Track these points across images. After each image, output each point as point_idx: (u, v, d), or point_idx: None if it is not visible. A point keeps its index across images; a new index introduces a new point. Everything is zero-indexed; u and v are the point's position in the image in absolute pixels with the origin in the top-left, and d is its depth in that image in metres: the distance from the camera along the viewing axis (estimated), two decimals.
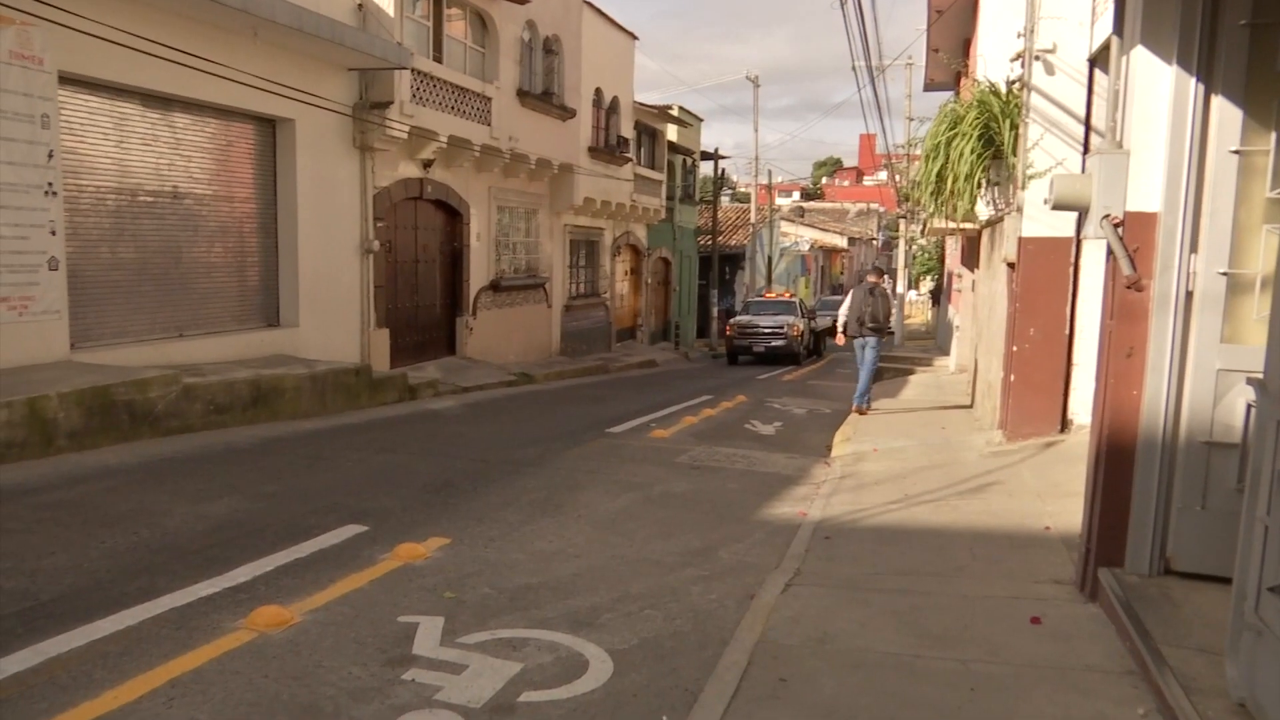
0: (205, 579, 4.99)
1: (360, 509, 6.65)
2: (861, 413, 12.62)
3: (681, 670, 4.15)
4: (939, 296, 32.64)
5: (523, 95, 18.44)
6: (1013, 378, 9.41)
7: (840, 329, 13.50)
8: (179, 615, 4.50)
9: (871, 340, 12.82)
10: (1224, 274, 4.41)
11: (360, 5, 13.64)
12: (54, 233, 9.25)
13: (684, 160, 33.47)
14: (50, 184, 9.17)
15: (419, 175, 15.82)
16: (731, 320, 26.66)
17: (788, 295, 29.86)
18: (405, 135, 14.45)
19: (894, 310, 16.90)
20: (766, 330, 25.40)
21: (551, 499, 7.34)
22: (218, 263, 12.00)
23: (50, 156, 9.15)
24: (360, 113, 13.82)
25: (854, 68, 28.76)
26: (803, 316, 27.02)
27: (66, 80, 9.43)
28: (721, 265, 38.06)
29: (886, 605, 4.91)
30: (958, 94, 16.19)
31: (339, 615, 4.62)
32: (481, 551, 5.82)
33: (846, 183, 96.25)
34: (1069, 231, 8.94)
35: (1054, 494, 7.22)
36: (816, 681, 3.94)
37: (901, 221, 35.11)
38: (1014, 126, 9.64)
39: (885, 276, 14.77)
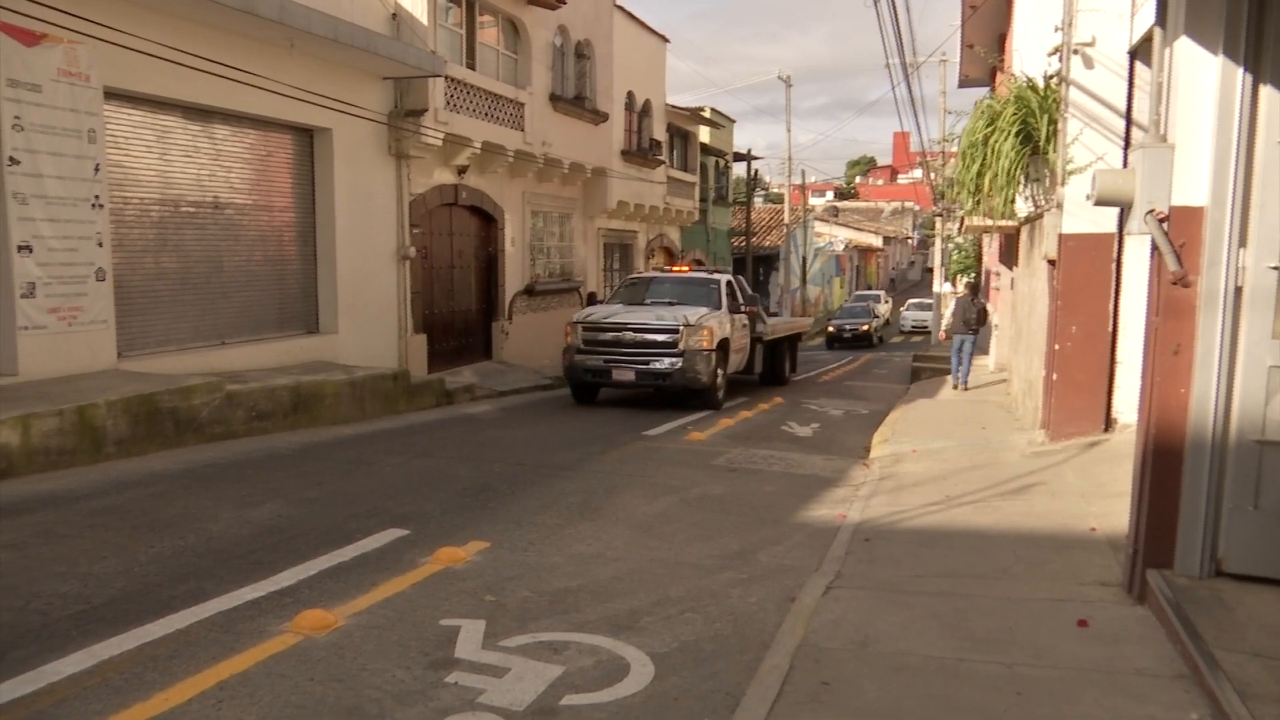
0: (250, 583, 5.06)
1: (400, 513, 6.70)
2: (964, 389, 15.51)
3: (722, 674, 4.14)
4: (976, 294, 32.30)
5: (555, 100, 18.52)
6: (1055, 376, 9.28)
7: (944, 330, 17.22)
8: (226, 619, 4.57)
9: (970, 337, 15.86)
10: (1275, 268, 4.32)
11: (394, 15, 13.78)
12: (101, 244, 9.44)
13: (717, 162, 33.43)
14: (97, 197, 9.36)
15: (454, 181, 15.94)
16: (575, 318, 14.07)
17: (712, 269, 17.96)
18: (440, 142, 14.57)
19: (989, 314, 18.57)
20: (641, 341, 13.25)
21: (589, 502, 7.36)
22: (258, 271, 12.17)
23: (97, 170, 9.35)
24: (395, 121, 13.96)
25: (888, 65, 28.61)
26: (738, 311, 14.85)
27: (111, 95, 9.63)
28: (755, 266, 37.99)
29: (929, 608, 4.86)
30: (993, 90, 16.02)
31: (381, 618, 4.66)
32: (521, 555, 5.84)
33: (880, 181, 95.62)
34: (1111, 227, 8.81)
35: (1099, 494, 7.11)
36: (859, 685, 3.90)
37: (937, 219, 34.76)
38: (1052, 122, 9.52)
39: (980, 293, 18.37)
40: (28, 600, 4.70)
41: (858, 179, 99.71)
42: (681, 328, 12.99)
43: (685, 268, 17.81)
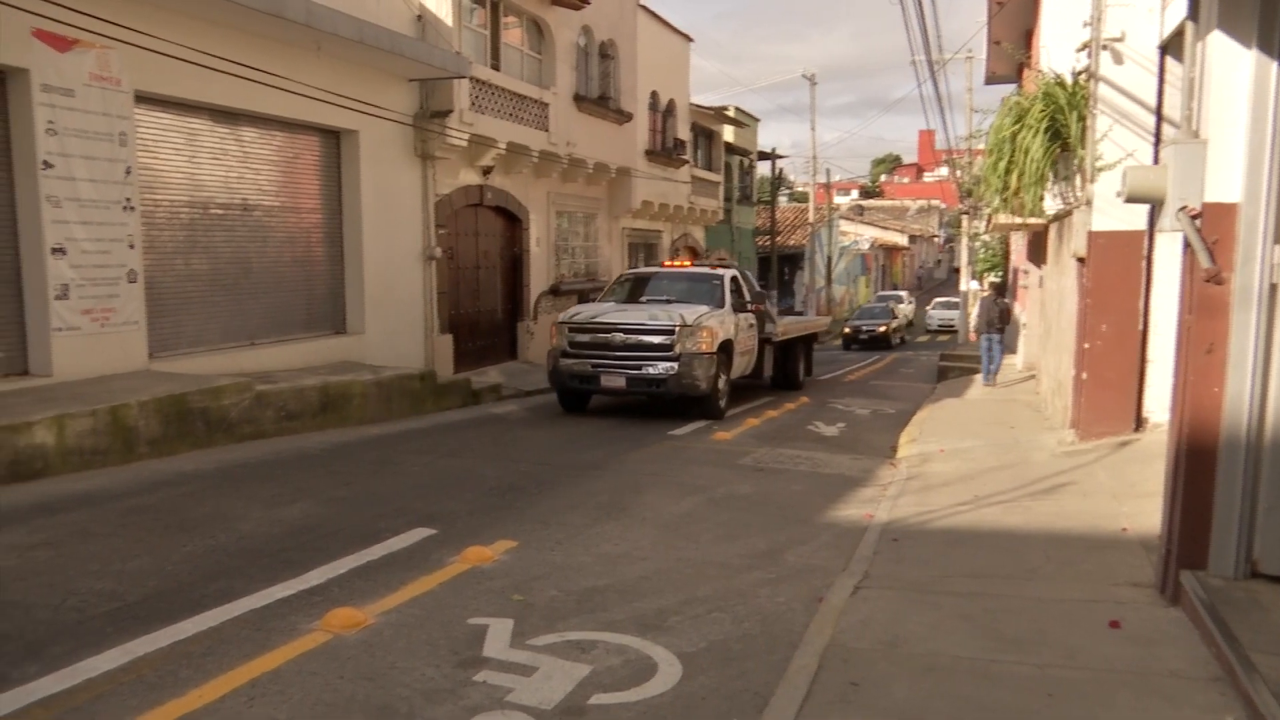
0: (281, 581, 5.11)
1: (428, 512, 6.74)
2: (993, 385, 15.75)
3: (750, 673, 4.13)
4: (1003, 293, 31.96)
5: (579, 100, 18.56)
6: (1084, 375, 9.19)
7: (974, 329, 18.12)
8: (257, 617, 4.62)
9: (997, 336, 15.95)
10: None
11: (420, 16, 13.86)
12: (132, 246, 9.57)
13: (741, 161, 33.37)
14: (128, 199, 9.49)
15: (479, 182, 16.01)
16: (561, 318, 12.88)
17: (716, 263, 16.24)
18: (465, 143, 14.64)
19: (1012, 313, 18.79)
20: (632, 343, 12.03)
21: (616, 502, 7.37)
22: (286, 272, 12.28)
23: (128, 173, 9.47)
24: (421, 122, 14.04)
25: (913, 62, 28.43)
26: (743, 310, 13.61)
27: (142, 98, 9.76)
28: (780, 265, 37.91)
29: (958, 608, 4.83)
30: (1020, 86, 15.88)
31: (410, 617, 4.69)
32: (548, 554, 5.86)
33: (906, 180, 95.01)
34: (1141, 224, 8.71)
35: (1130, 494, 7.03)
36: (888, 686, 3.88)
37: (964, 218, 34.49)
38: (1081, 118, 9.43)
39: (1004, 292, 18.75)
40: (64, 597, 4.77)
41: (883, 177, 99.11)
42: (677, 328, 11.80)
43: (686, 262, 16.43)
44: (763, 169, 38.62)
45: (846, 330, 35.37)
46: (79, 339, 9.03)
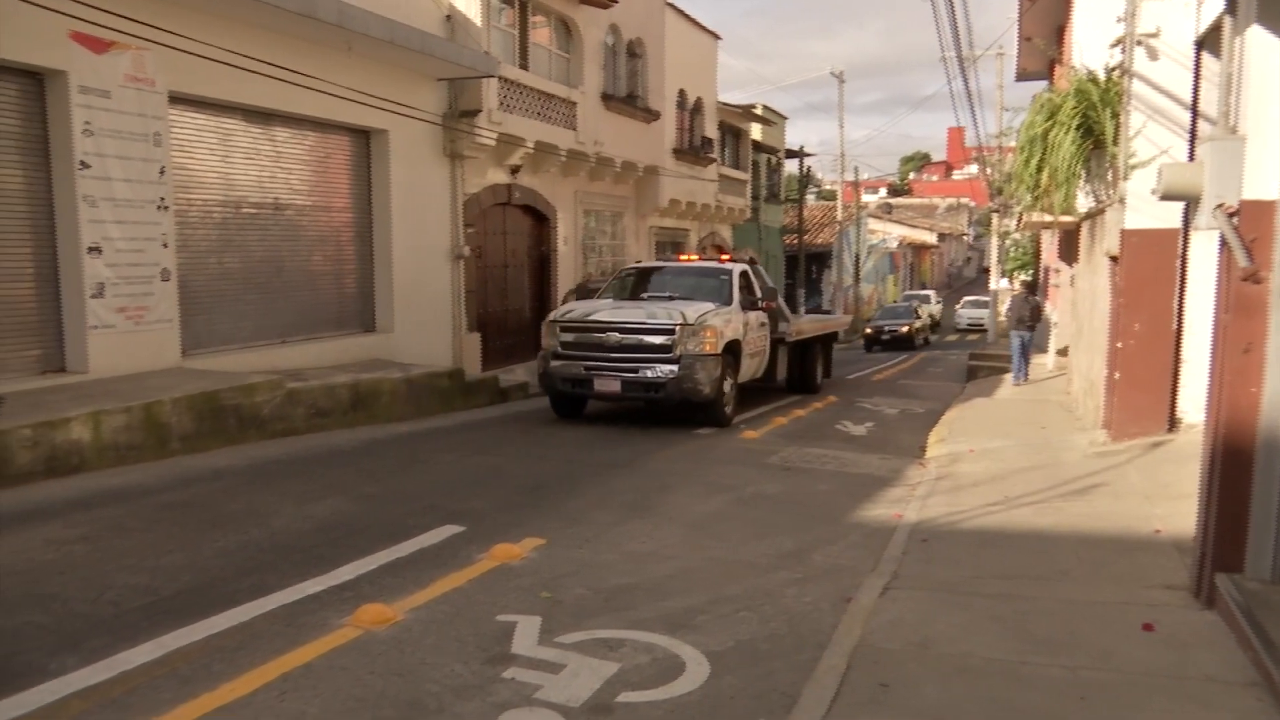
0: (312, 577, 5.16)
1: (457, 510, 6.78)
2: (1024, 383, 15.97)
3: (778, 673, 4.12)
4: (1032, 292, 31.59)
5: (607, 99, 18.57)
6: (1117, 375, 9.08)
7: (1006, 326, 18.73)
8: (288, 612, 4.67)
9: (1028, 335, 16.16)
10: None
11: (449, 16, 13.93)
12: (166, 245, 9.70)
13: (768, 159, 33.26)
14: (162, 199, 9.62)
15: (507, 181, 16.07)
16: (552, 316, 12.08)
17: (724, 258, 14.43)
18: (493, 142, 14.71)
19: (1043, 311, 19.01)
20: (629, 344, 11.10)
21: (643, 500, 7.37)
22: (317, 271, 12.40)
23: (162, 173, 9.60)
24: (450, 121, 14.11)
25: (943, 59, 28.22)
26: (753, 308, 12.60)
27: (176, 99, 9.88)
28: (808, 264, 37.76)
29: (989, 610, 4.79)
30: (1052, 83, 15.70)
31: (439, 614, 4.72)
32: (575, 552, 5.88)
33: (935, 178, 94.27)
34: (1175, 222, 8.59)
35: (1163, 496, 6.94)
36: (919, 687, 3.86)
37: (994, 216, 34.17)
38: (1114, 115, 9.32)
39: (1035, 290, 19.28)
40: (101, 591, 4.85)
41: (911, 175, 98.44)
42: (678, 328, 10.83)
43: (694, 256, 15.11)
44: (790, 167, 38.51)
45: (868, 331, 34.13)
46: (114, 336, 9.17)
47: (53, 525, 6.02)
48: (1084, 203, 10.62)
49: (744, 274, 12.96)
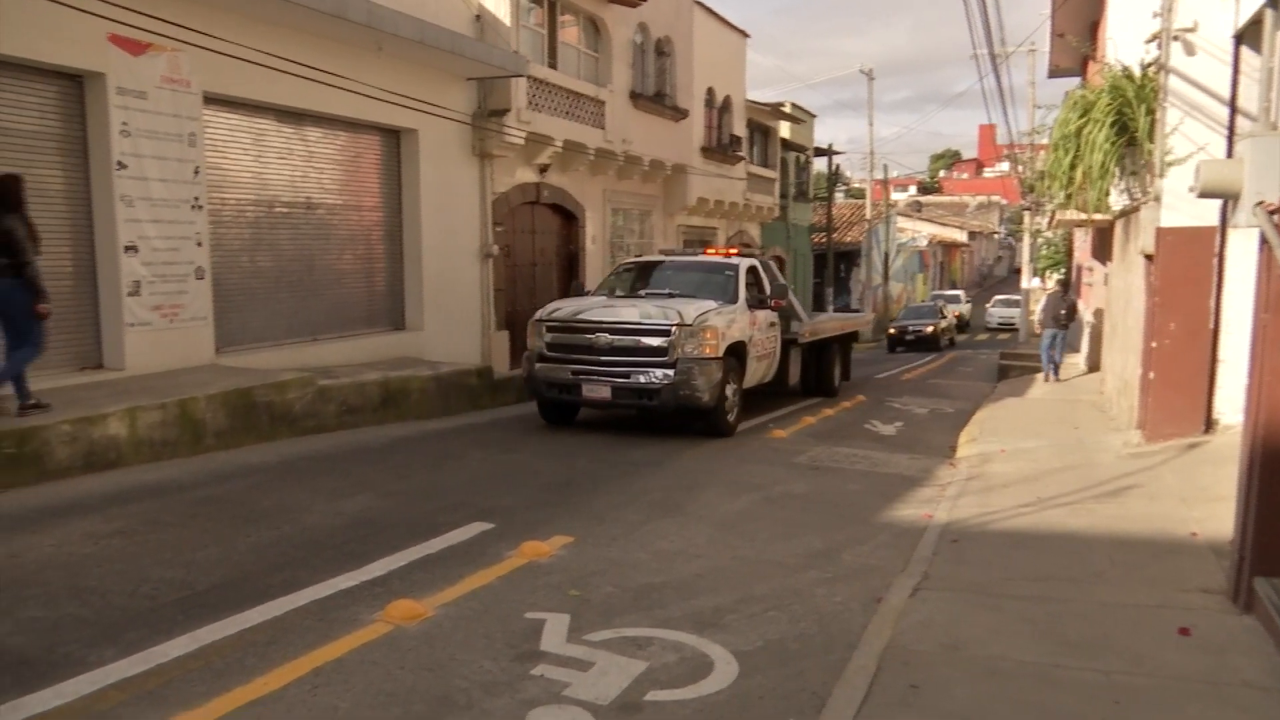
0: (343, 572, 5.21)
1: (486, 507, 6.82)
2: (1052, 381, 16.16)
3: (808, 673, 4.11)
4: (1067, 290, 31.16)
5: (635, 97, 18.57)
6: (1152, 375, 8.96)
7: (1038, 323, 18.39)
8: (320, 607, 4.71)
9: (1061, 333, 16.33)
10: None
11: (478, 16, 14.00)
12: (200, 244, 9.83)
13: (797, 157, 33.11)
14: (197, 198, 9.75)
15: (535, 180, 16.12)
16: (539, 315, 10.91)
17: (730, 252, 13.24)
18: (522, 141, 14.75)
19: (1078, 310, 18.80)
20: (620, 346, 10.17)
21: (671, 499, 7.37)
22: (347, 269, 12.51)
23: (197, 172, 9.73)
24: (479, 121, 14.17)
25: (974, 56, 27.94)
26: (761, 306, 11.75)
27: (210, 100, 10.00)
28: (837, 263, 37.54)
29: (1020, 612, 4.75)
30: (1085, 80, 15.51)
31: (469, 610, 4.75)
32: (604, 550, 5.89)
33: (965, 175, 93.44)
34: (1212, 220, 8.47)
35: (1200, 498, 6.84)
36: (949, 689, 3.83)
37: (1025, 214, 33.80)
38: (1150, 111, 9.20)
39: (1069, 290, 19.57)
40: (138, 585, 4.92)
41: (941, 173, 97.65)
42: (674, 328, 9.87)
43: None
44: (819, 165, 38.31)
45: (891, 331, 33.02)
46: (150, 334, 9.30)
47: (91, 519, 6.12)
48: (1118, 200, 10.49)
49: (752, 269, 12.07)
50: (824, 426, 11.76)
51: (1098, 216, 11.64)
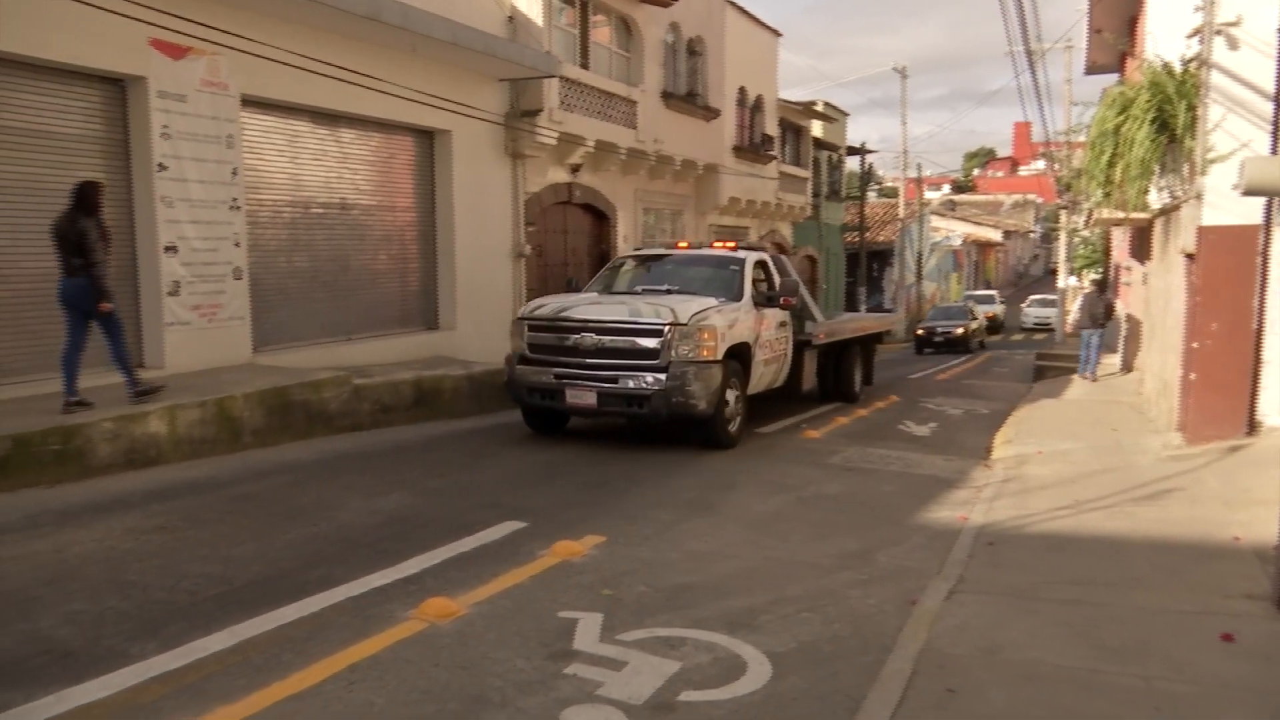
0: (378, 570, 5.26)
1: (518, 506, 6.85)
2: (1090, 380, 16.14)
3: (842, 675, 4.08)
4: (1104, 290, 30.67)
5: (667, 97, 18.57)
6: (1193, 376, 8.82)
7: (1072, 324, 18.46)
8: (355, 604, 4.76)
9: (1099, 332, 16.25)
10: None
11: (511, 17, 14.07)
12: (238, 244, 9.96)
13: (829, 156, 32.94)
14: (234, 199, 9.88)
15: (567, 180, 16.17)
16: (521, 313, 10.41)
17: (728, 246, 11.80)
18: (554, 141, 14.80)
19: (1115, 309, 18.90)
20: (607, 348, 9.24)
21: (703, 499, 7.36)
22: (381, 269, 12.62)
23: (234, 174, 9.86)
24: (511, 121, 14.24)
25: (1009, 53, 27.62)
26: (769, 304, 10.69)
27: (247, 102, 10.14)
28: (869, 262, 37.29)
29: (1058, 616, 4.69)
30: (1123, 76, 15.29)
31: (502, 608, 4.77)
32: (636, 550, 5.89)
33: (1000, 174, 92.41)
34: (1256, 218, 8.32)
35: (1243, 501, 6.71)
36: (986, 693, 3.79)
37: (1062, 213, 33.37)
38: (1191, 108, 9.05)
39: (1106, 289, 19.74)
40: (178, 580, 5.00)
41: (975, 171, 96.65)
42: (667, 328, 8.95)
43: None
44: (851, 164, 38.08)
45: (919, 332, 31.33)
46: (189, 333, 9.45)
47: (133, 515, 6.23)
48: (1157, 199, 10.33)
49: (760, 264, 11.14)
50: (857, 427, 11.69)
51: (1136, 215, 11.48)
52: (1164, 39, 10.03)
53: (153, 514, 6.28)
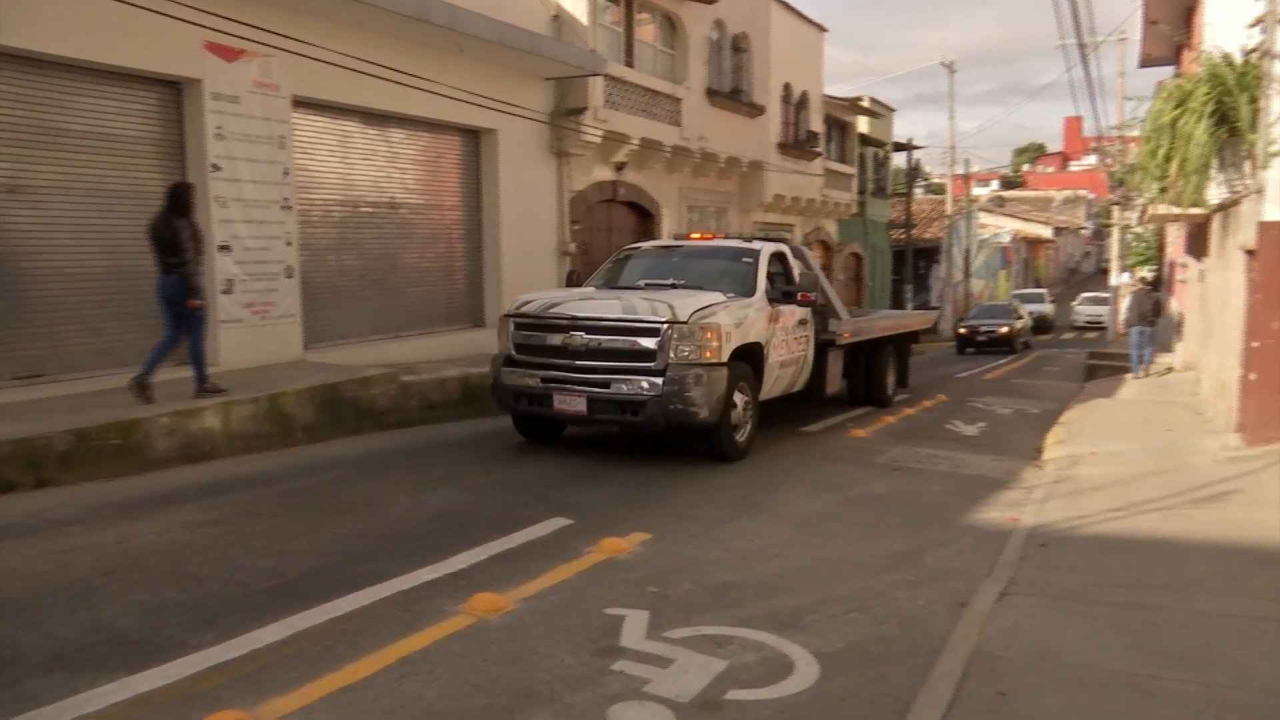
0: (427, 565, 5.31)
1: (565, 502, 6.88)
2: (1142, 376, 16.16)
3: (890, 677, 4.05)
4: (1156, 286, 29.97)
5: (711, 94, 18.53)
6: (1252, 376, 8.60)
7: (1123, 323, 19.48)
8: (405, 598, 4.82)
9: (1149, 330, 16.42)
10: None
11: (556, 16, 14.13)
12: (289, 243, 10.13)
13: (875, 152, 32.62)
14: (286, 199, 10.05)
15: (612, 178, 16.21)
16: (508, 309, 9.20)
17: (728, 240, 11.13)
18: (599, 140, 14.84)
19: (1163, 307, 19.19)
20: (600, 348, 8.31)
21: (749, 497, 7.34)
22: (429, 268, 12.76)
23: (286, 174, 10.03)
24: (557, 120, 14.31)
25: (1061, 46, 27.11)
26: (786, 300, 9.71)
27: (298, 103, 10.31)
28: (916, 259, 36.87)
29: (1113, 619, 4.60)
30: (1179, 69, 14.94)
31: (549, 604, 4.80)
32: (682, 548, 5.89)
33: (1050, 169, 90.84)
34: None
35: None
36: (1039, 698, 3.74)
37: (1114, 209, 32.72)
38: (1253, 100, 8.82)
39: (1158, 286, 21.14)
40: (233, 572, 5.11)
41: (1025, 167, 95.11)
42: (665, 326, 8.07)
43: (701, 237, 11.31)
44: (898, 160, 37.69)
45: (961, 331, 29.82)
46: (242, 331, 9.63)
47: (189, 508, 6.37)
48: (1215, 194, 10.08)
49: (776, 256, 10.13)
50: (904, 426, 11.57)
51: (1193, 210, 11.20)
52: (1224, 29, 9.78)
53: (208, 508, 6.41)
